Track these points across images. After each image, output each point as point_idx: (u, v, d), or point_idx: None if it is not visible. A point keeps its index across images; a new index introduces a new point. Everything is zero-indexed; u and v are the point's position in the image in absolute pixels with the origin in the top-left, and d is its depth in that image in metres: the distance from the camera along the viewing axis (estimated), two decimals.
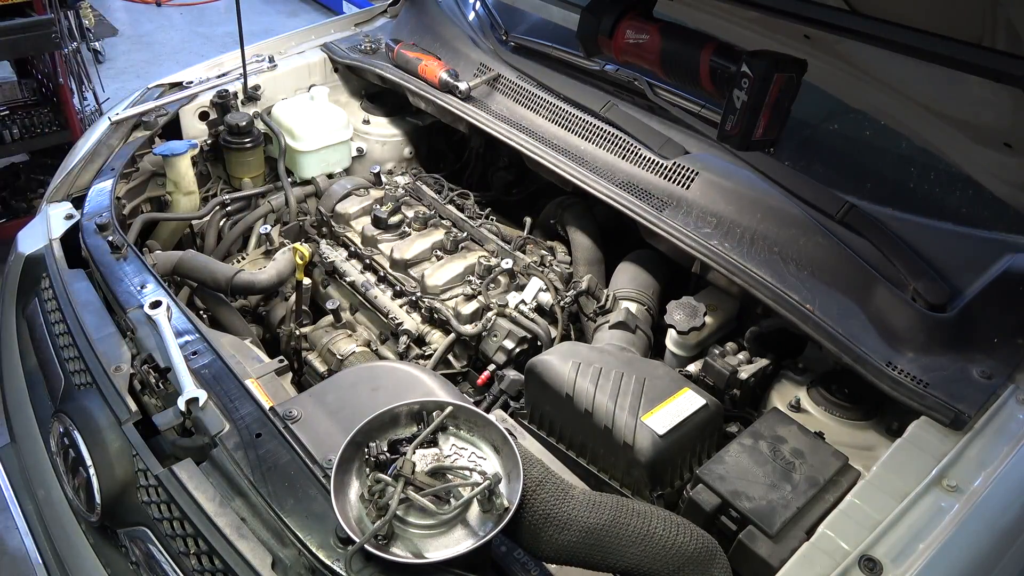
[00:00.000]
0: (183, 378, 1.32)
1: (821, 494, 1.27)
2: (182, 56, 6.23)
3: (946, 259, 1.51)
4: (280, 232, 2.24)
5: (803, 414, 1.52)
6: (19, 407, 1.69)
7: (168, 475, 1.23)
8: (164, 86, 2.31)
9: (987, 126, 1.53)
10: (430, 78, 2.23)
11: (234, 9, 2.30)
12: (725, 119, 1.42)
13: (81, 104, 4.16)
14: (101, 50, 5.97)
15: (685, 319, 1.66)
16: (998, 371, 1.36)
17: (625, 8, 1.65)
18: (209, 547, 1.16)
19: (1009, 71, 1.21)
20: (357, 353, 1.91)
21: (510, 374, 1.74)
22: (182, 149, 2.10)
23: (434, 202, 2.21)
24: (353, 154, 2.48)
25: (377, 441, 1.09)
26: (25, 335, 1.77)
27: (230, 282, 1.93)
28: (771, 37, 1.73)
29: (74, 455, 1.39)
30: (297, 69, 2.51)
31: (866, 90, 1.69)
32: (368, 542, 0.98)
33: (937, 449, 1.26)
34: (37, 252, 1.80)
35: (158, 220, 2.18)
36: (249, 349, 1.66)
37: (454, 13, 2.48)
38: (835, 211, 1.60)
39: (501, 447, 1.12)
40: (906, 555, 1.11)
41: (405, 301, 1.98)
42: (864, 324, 1.47)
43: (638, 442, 1.37)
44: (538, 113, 2.08)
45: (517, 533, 1.10)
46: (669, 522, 1.14)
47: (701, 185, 1.75)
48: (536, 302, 1.89)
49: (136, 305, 1.52)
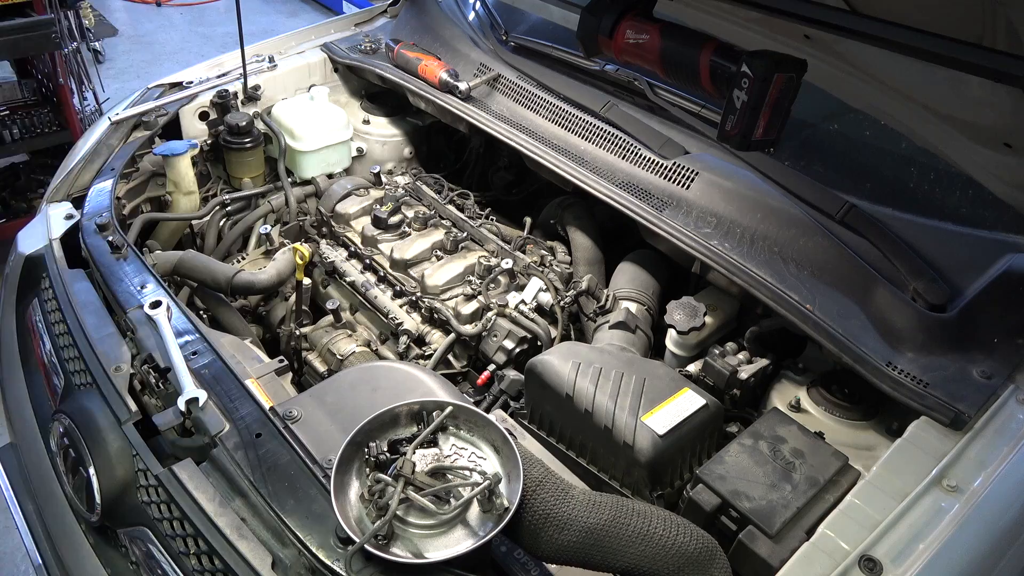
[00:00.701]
0: (183, 378, 1.32)
1: (821, 494, 1.26)
2: (182, 56, 6.24)
3: (946, 259, 1.51)
4: (280, 232, 2.24)
5: (803, 414, 1.52)
6: (19, 407, 1.69)
7: (168, 475, 1.23)
8: (164, 86, 2.31)
9: (987, 126, 1.53)
10: (430, 78, 2.23)
11: (234, 9, 2.30)
12: (725, 119, 1.42)
13: (81, 104, 4.15)
14: (101, 50, 5.97)
15: (685, 319, 1.66)
16: (998, 371, 1.36)
17: (625, 8, 1.65)
18: (209, 547, 1.16)
19: (1009, 71, 1.21)
20: (357, 353, 1.91)
21: (510, 374, 1.74)
22: (182, 149, 2.10)
23: (434, 202, 2.21)
24: (353, 154, 2.48)
25: (377, 441, 1.09)
26: (25, 335, 1.77)
27: (230, 282, 1.93)
28: (771, 37, 1.73)
29: (74, 455, 1.39)
30: (297, 69, 2.51)
31: (866, 90, 1.69)
32: (368, 542, 0.98)
33: (937, 449, 1.26)
34: (37, 252, 1.80)
35: (158, 220, 2.17)
36: (249, 349, 1.66)
37: (454, 13, 2.48)
38: (835, 211, 1.60)
39: (501, 447, 1.12)
40: (906, 555, 1.11)
41: (405, 301, 1.98)
42: (864, 324, 1.47)
43: (638, 442, 1.37)
44: (538, 113, 2.08)
45: (517, 533, 1.10)
46: (669, 522, 1.14)
47: (701, 185, 1.75)
48: (536, 302, 1.89)
49: (136, 305, 1.52)
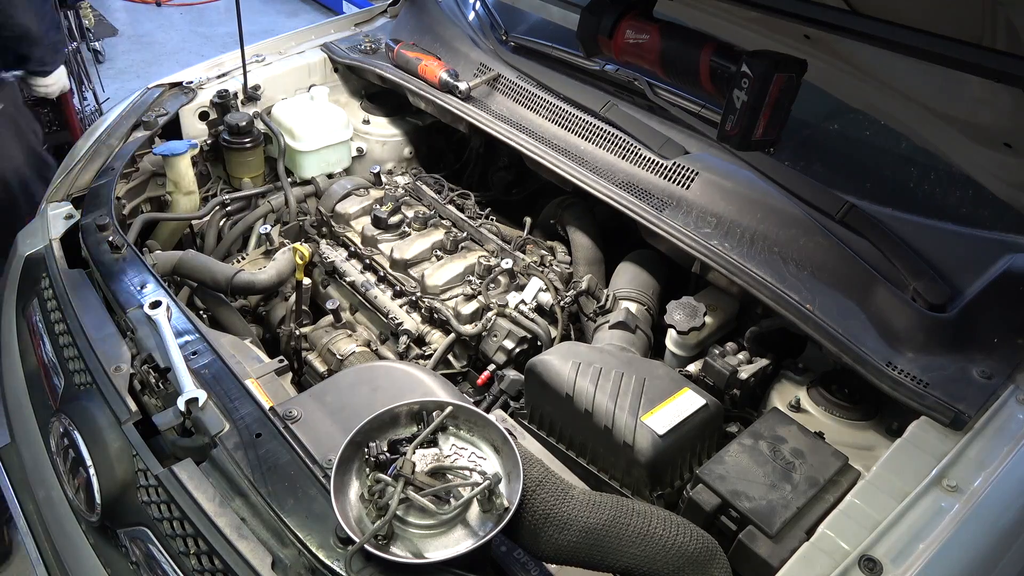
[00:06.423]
0: (183, 378, 1.32)
1: (821, 494, 1.27)
2: (182, 56, 6.23)
3: (946, 259, 1.51)
4: (280, 232, 2.24)
5: (803, 414, 1.52)
6: (19, 407, 1.69)
7: (168, 475, 1.23)
8: (164, 86, 2.31)
9: (987, 126, 1.53)
10: (430, 78, 2.23)
11: (234, 9, 2.30)
12: (725, 119, 1.42)
13: (81, 104, 4.15)
14: (101, 50, 5.97)
15: (685, 319, 1.66)
16: (998, 371, 1.36)
17: (625, 8, 1.65)
18: (209, 547, 1.16)
19: (1009, 71, 1.21)
20: (357, 353, 1.91)
21: (510, 374, 1.74)
22: (182, 149, 2.10)
23: (434, 202, 2.21)
24: (353, 154, 2.48)
25: (377, 441, 1.09)
26: (25, 335, 1.77)
27: (230, 282, 1.93)
28: (771, 37, 1.73)
29: (74, 455, 1.39)
30: (297, 69, 2.51)
31: (866, 90, 1.69)
32: (368, 542, 0.98)
33: (937, 449, 1.26)
34: (37, 252, 1.80)
35: (158, 220, 2.18)
36: (249, 349, 1.66)
37: (454, 13, 2.48)
38: (835, 211, 1.60)
39: (501, 447, 1.12)
40: (906, 555, 1.11)
41: (405, 301, 1.98)
42: (864, 324, 1.47)
43: (638, 442, 1.37)
44: (538, 113, 2.08)
45: (517, 533, 1.10)
46: (669, 522, 1.14)
47: (701, 185, 1.75)
48: (536, 302, 1.89)
49: (136, 305, 1.52)
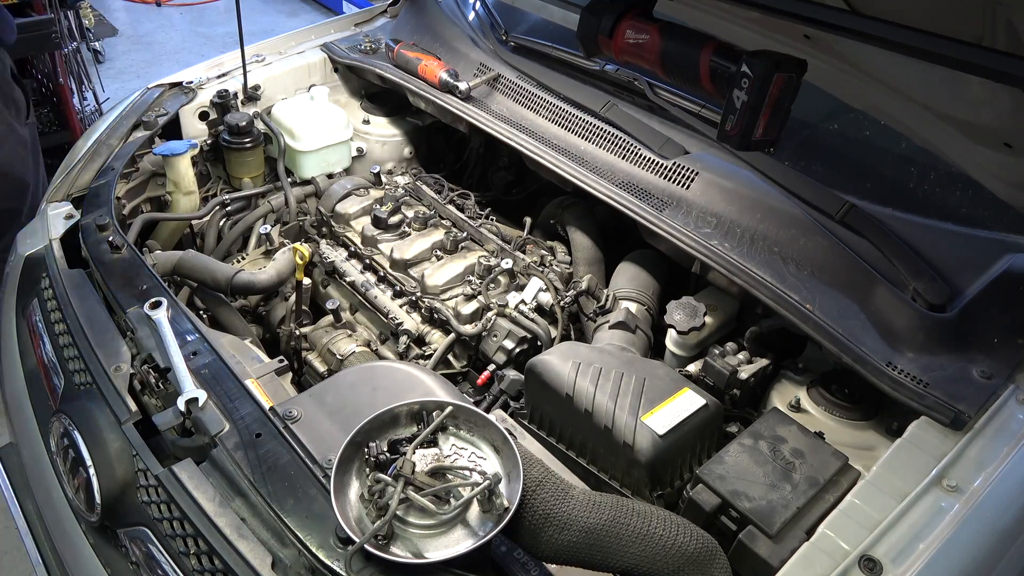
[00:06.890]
0: (183, 378, 1.32)
1: (821, 494, 1.26)
2: (182, 56, 6.23)
3: (946, 259, 1.51)
4: (280, 232, 2.24)
5: (803, 414, 1.52)
6: (19, 407, 1.69)
7: (168, 475, 1.23)
8: (164, 86, 2.31)
9: (987, 126, 1.53)
10: (430, 78, 2.23)
11: (234, 9, 2.30)
12: (725, 119, 1.42)
13: (81, 104, 4.16)
14: (101, 50, 5.97)
15: (685, 319, 1.66)
16: (998, 371, 1.36)
17: (625, 8, 1.65)
18: (209, 547, 1.16)
19: (1009, 71, 1.21)
20: (357, 353, 1.91)
21: (510, 374, 1.74)
22: (182, 149, 2.10)
23: (434, 202, 2.21)
24: (353, 154, 2.48)
25: (377, 441, 1.09)
26: (25, 335, 1.77)
27: (230, 282, 1.93)
28: (771, 37, 1.73)
29: (74, 455, 1.38)
30: (297, 69, 2.51)
31: (866, 90, 1.69)
32: (368, 542, 0.98)
33: (937, 449, 1.26)
34: (37, 252, 1.80)
35: (158, 220, 2.17)
36: (249, 349, 1.66)
37: (454, 13, 2.48)
38: (835, 211, 1.60)
39: (501, 447, 1.12)
40: (906, 555, 1.11)
41: (405, 301, 1.98)
42: (864, 324, 1.47)
43: (638, 442, 1.37)
44: (538, 113, 2.08)
45: (517, 533, 1.10)
46: (669, 522, 1.14)
47: (701, 185, 1.75)
48: (536, 302, 1.89)
49: (136, 305, 1.51)
